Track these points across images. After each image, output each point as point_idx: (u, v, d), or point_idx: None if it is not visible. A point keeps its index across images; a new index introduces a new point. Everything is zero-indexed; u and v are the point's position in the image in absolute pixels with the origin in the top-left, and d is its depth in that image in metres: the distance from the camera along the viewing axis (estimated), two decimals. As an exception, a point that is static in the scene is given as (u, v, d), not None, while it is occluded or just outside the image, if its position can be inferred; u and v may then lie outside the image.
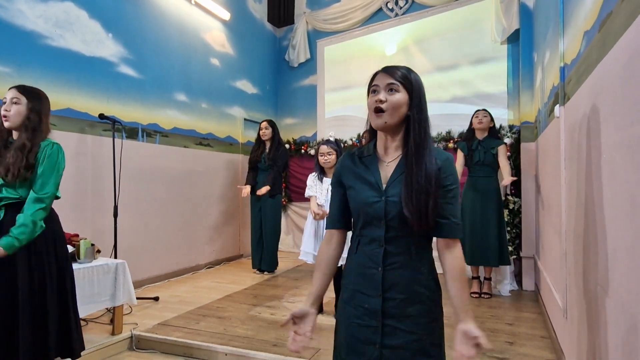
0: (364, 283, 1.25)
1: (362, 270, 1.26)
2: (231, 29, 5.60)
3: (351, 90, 5.94)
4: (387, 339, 1.21)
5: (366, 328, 1.23)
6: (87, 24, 3.66)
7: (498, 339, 2.77)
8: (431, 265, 1.27)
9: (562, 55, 2.25)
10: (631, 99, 1.13)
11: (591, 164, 1.58)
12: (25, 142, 1.92)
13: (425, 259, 1.25)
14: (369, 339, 1.22)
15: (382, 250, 1.22)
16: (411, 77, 1.24)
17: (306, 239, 3.26)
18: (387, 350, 1.20)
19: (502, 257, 3.71)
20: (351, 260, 1.31)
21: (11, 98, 1.94)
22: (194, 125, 4.91)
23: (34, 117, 1.96)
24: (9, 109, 1.93)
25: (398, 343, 1.20)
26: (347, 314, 1.28)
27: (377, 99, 1.22)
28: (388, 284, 1.21)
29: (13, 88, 1.98)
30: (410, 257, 1.21)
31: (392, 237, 1.21)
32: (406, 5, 5.56)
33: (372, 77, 1.29)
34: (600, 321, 1.47)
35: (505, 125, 4.63)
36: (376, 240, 1.23)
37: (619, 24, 1.22)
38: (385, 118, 1.21)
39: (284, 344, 2.65)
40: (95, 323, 2.99)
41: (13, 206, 1.92)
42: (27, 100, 1.96)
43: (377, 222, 1.22)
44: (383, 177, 1.25)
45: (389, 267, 1.21)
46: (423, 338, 1.21)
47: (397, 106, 1.21)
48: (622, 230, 1.21)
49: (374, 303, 1.22)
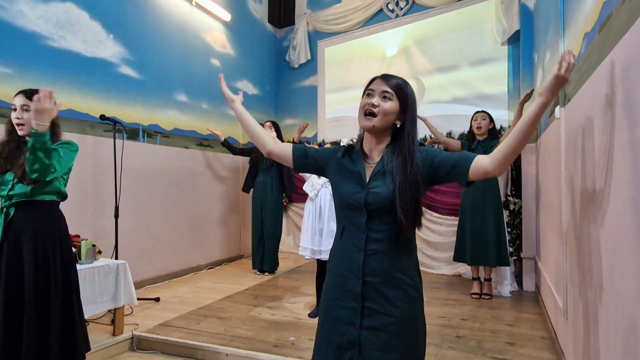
0: (347, 266, 1.33)
1: (345, 254, 1.34)
2: (232, 30, 5.61)
3: (351, 91, 5.94)
4: (366, 321, 1.28)
5: (347, 309, 1.31)
6: (88, 24, 3.66)
7: (498, 339, 2.77)
8: (412, 252, 1.34)
9: (563, 56, 2.25)
10: (631, 101, 1.14)
11: (591, 165, 1.58)
12: None
13: (406, 246, 1.32)
14: (349, 320, 1.30)
15: (365, 236, 1.30)
16: (406, 89, 1.33)
17: (304, 235, 3.28)
18: (365, 330, 1.28)
19: (501, 258, 3.71)
20: (336, 245, 1.40)
21: (21, 105, 1.95)
22: (194, 126, 4.92)
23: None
24: (21, 116, 1.95)
25: (376, 324, 1.27)
26: (330, 296, 1.37)
27: (370, 102, 1.31)
28: (368, 268, 1.29)
29: (21, 94, 1.98)
30: (390, 244, 1.28)
31: (373, 224, 1.29)
32: (407, 6, 5.56)
33: (370, 81, 1.38)
34: (600, 322, 1.47)
35: (505, 126, 4.63)
36: (359, 227, 1.31)
37: (619, 26, 1.22)
38: (374, 122, 1.31)
39: (285, 345, 2.65)
40: (96, 324, 2.99)
41: (23, 204, 1.94)
42: None
43: (360, 210, 1.30)
44: (367, 172, 1.34)
45: (370, 252, 1.29)
46: (401, 321, 1.26)
47: (388, 113, 1.30)
48: (623, 231, 1.21)
49: (354, 285, 1.30)
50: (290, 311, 3.38)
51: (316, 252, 3.18)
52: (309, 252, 3.22)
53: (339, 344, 1.30)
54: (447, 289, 4.03)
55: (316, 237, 3.19)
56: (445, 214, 4.81)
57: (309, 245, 3.22)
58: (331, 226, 3.16)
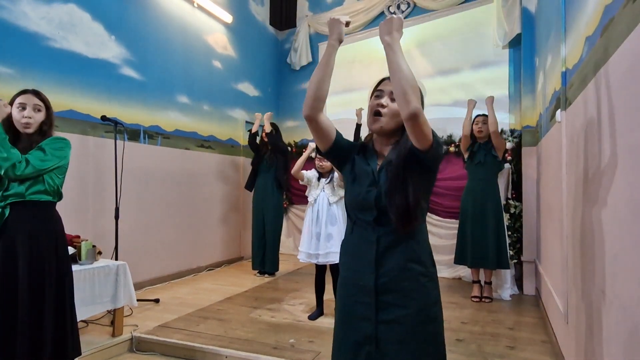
0: (359, 262, 1.30)
1: (357, 249, 1.32)
2: (233, 32, 5.62)
3: (353, 94, 5.94)
4: (382, 314, 1.26)
5: (361, 304, 1.29)
6: (90, 26, 3.67)
7: (499, 343, 2.77)
8: (424, 241, 1.32)
9: (564, 60, 2.26)
10: (632, 105, 1.13)
11: (592, 169, 1.58)
12: (33, 145, 1.97)
13: (419, 236, 1.30)
14: (364, 315, 1.28)
15: (376, 231, 1.28)
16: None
17: (303, 238, 3.29)
18: (381, 325, 1.25)
19: (501, 261, 3.70)
20: (347, 241, 1.39)
21: (34, 105, 1.98)
22: (195, 127, 4.92)
23: (47, 126, 2.04)
24: (31, 115, 1.97)
25: (392, 318, 1.25)
26: (344, 292, 1.35)
27: (379, 102, 1.29)
28: (382, 262, 1.26)
29: (31, 94, 2.00)
30: (402, 236, 1.26)
31: (384, 219, 1.27)
32: (408, 9, 5.58)
33: (378, 82, 1.36)
34: (601, 326, 1.47)
35: (506, 130, 4.63)
36: (370, 222, 1.29)
37: (620, 30, 1.22)
38: (382, 122, 1.29)
39: (284, 347, 2.65)
40: (96, 325, 2.99)
41: (18, 205, 1.93)
42: (47, 109, 2.05)
43: (370, 208, 1.28)
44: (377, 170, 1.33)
45: (382, 246, 1.27)
46: (417, 313, 1.25)
47: (396, 114, 1.27)
48: (624, 235, 1.21)
49: (368, 280, 1.27)
50: (290, 313, 3.38)
51: (312, 256, 3.19)
52: (304, 255, 3.23)
53: (356, 340, 1.28)
54: (447, 292, 4.03)
55: (313, 241, 3.20)
56: (445, 217, 4.80)
57: (304, 249, 3.23)
58: (329, 230, 3.17)
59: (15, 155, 1.85)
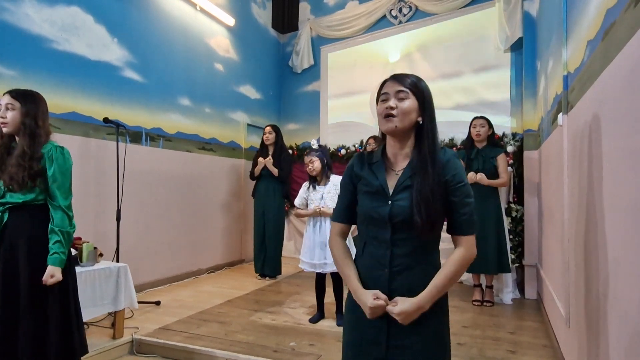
0: (371, 285, 1.26)
1: (369, 272, 1.28)
2: (235, 35, 5.64)
3: (354, 97, 5.96)
4: (393, 339, 1.23)
5: (372, 328, 1.25)
6: (93, 28, 3.69)
7: (500, 347, 2.76)
8: (437, 265, 1.29)
9: (566, 63, 2.26)
10: (634, 108, 1.13)
11: (594, 173, 1.58)
12: (25, 150, 1.89)
13: (432, 259, 1.28)
14: (375, 339, 1.24)
15: (389, 252, 1.24)
16: (421, 85, 1.28)
17: (305, 248, 3.25)
18: (392, 350, 1.22)
19: (502, 265, 3.69)
20: (357, 263, 1.33)
21: (6, 104, 1.91)
22: (197, 130, 4.93)
23: (30, 121, 1.91)
24: (5, 115, 1.91)
25: (403, 343, 1.22)
26: (354, 315, 1.30)
27: (388, 105, 1.25)
28: (394, 285, 1.23)
29: (6, 94, 1.94)
30: (416, 258, 1.24)
31: (398, 239, 1.23)
32: (410, 12, 5.58)
33: (381, 84, 1.31)
34: (603, 330, 1.46)
35: (508, 133, 4.64)
36: (383, 242, 1.25)
37: (622, 34, 1.22)
38: (395, 122, 1.24)
39: (284, 350, 2.64)
40: (96, 327, 2.99)
41: (16, 209, 1.93)
42: (21, 104, 1.92)
43: (383, 225, 1.24)
44: (390, 183, 1.28)
45: (395, 269, 1.23)
46: (429, 338, 1.22)
47: (407, 112, 1.24)
48: (625, 238, 1.21)
49: None
50: (291, 316, 3.37)
51: (316, 265, 3.14)
52: (307, 265, 3.20)
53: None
54: (448, 295, 4.01)
55: (316, 250, 3.16)
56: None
57: (307, 259, 3.20)
58: None
59: (66, 225, 1.98)
